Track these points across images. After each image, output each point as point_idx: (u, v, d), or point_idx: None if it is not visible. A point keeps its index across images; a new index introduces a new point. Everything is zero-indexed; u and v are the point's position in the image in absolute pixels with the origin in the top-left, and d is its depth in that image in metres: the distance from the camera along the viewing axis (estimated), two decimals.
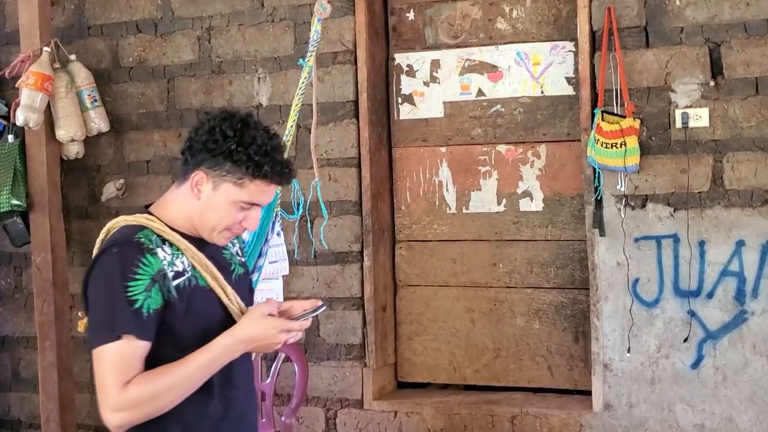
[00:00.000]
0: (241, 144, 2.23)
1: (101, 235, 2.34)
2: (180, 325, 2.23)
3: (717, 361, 4.04)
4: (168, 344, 2.22)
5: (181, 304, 2.23)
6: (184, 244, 2.28)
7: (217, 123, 2.26)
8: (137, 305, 2.17)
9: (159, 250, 2.24)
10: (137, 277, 2.18)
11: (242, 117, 2.28)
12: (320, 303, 2.36)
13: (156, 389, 2.17)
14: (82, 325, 4.86)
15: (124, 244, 2.22)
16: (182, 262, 2.27)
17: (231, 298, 2.33)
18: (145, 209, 2.35)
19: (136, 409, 2.17)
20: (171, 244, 2.27)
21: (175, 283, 2.23)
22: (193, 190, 2.28)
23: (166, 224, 2.29)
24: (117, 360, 2.16)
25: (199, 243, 2.32)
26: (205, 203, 2.28)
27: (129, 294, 2.17)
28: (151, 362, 2.20)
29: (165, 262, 2.23)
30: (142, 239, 2.23)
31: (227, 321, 2.30)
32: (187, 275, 2.26)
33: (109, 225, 2.34)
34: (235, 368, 2.32)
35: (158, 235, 2.26)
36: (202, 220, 2.30)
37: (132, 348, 2.16)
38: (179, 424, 2.26)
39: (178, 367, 2.19)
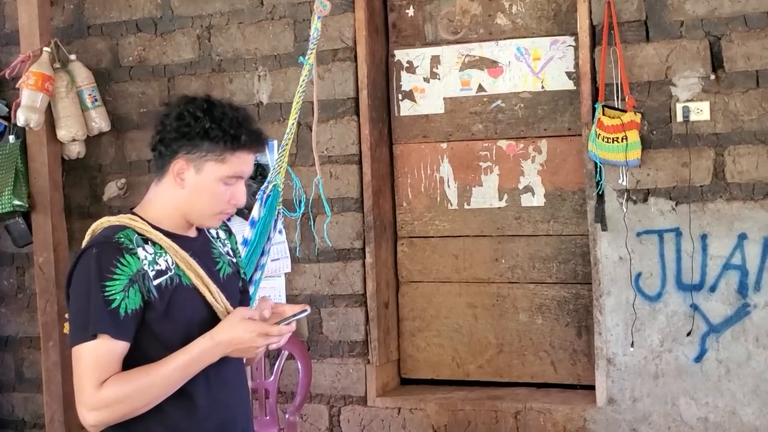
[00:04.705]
0: (213, 121, 2.24)
1: (87, 236, 2.34)
2: (159, 325, 2.22)
3: (720, 355, 4.04)
4: (152, 344, 2.22)
5: (161, 304, 2.22)
6: (166, 242, 2.27)
7: (184, 108, 2.26)
8: (114, 305, 2.15)
9: (140, 250, 2.22)
10: (115, 277, 2.17)
11: (205, 98, 2.30)
12: (306, 308, 2.33)
13: (130, 390, 2.15)
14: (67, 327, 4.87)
15: (103, 245, 2.21)
16: (165, 261, 2.26)
17: (216, 297, 2.31)
18: (130, 210, 2.34)
19: (110, 409, 2.15)
20: (154, 243, 2.26)
21: (156, 282, 2.22)
22: (176, 179, 2.27)
23: (149, 223, 2.28)
24: (93, 359, 2.15)
25: (185, 241, 2.31)
26: (191, 190, 2.28)
27: (106, 294, 2.16)
28: (139, 362, 2.19)
29: (145, 262, 2.22)
30: (122, 239, 2.22)
31: (211, 320, 2.28)
32: (170, 273, 2.25)
33: (93, 226, 2.34)
34: (222, 369, 2.29)
35: (140, 235, 2.25)
36: (192, 207, 2.30)
37: (108, 347, 2.15)
38: (162, 425, 2.24)
39: (154, 368, 2.18)
